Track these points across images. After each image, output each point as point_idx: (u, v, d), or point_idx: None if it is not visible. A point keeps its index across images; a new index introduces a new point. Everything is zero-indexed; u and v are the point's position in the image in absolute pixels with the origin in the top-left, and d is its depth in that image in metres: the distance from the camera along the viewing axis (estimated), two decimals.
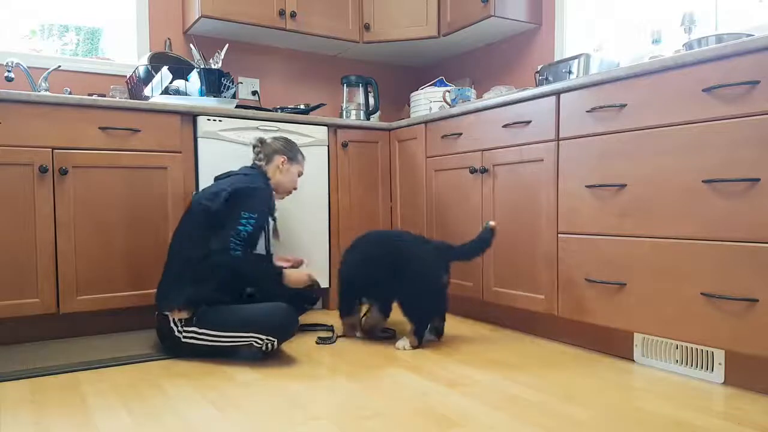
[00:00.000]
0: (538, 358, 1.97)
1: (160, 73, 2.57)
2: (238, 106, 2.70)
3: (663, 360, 1.84)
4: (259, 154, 2.28)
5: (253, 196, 2.05)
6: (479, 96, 2.90)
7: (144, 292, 2.32)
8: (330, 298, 2.85)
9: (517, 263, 2.27)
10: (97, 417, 1.47)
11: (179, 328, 1.94)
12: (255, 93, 3.28)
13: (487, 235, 2.13)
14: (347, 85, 3.21)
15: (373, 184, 2.95)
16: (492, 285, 2.39)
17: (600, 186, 1.94)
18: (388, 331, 2.30)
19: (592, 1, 2.80)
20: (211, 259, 1.95)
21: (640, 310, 1.83)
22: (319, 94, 3.50)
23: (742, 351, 1.59)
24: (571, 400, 1.56)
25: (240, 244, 1.97)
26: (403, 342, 2.11)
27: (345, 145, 2.85)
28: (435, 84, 3.14)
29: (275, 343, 1.92)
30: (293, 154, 2.32)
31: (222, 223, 1.98)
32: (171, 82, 2.57)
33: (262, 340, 1.89)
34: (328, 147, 2.81)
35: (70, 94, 2.63)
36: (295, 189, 2.37)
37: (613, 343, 1.99)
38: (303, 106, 3.04)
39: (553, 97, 2.09)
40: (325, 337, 2.23)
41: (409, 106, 3.30)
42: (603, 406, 1.52)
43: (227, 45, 2.90)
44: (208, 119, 2.46)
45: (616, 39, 2.68)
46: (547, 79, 2.51)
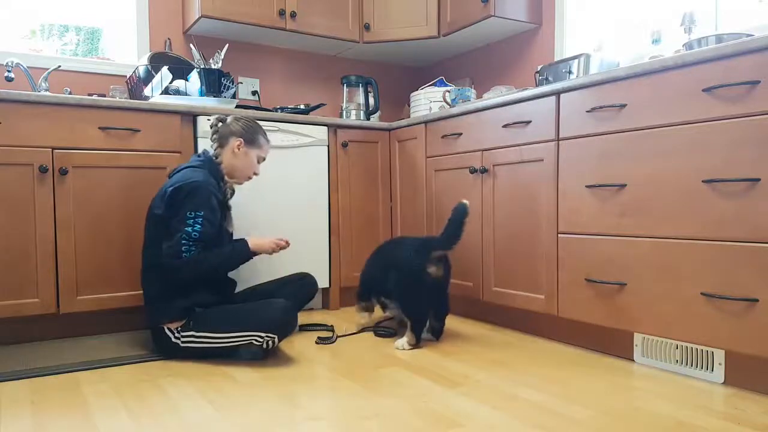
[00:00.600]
0: (538, 358, 1.97)
1: (160, 73, 2.57)
2: (238, 106, 2.70)
3: (663, 360, 1.84)
4: (213, 135, 2.16)
5: (193, 194, 1.93)
6: (479, 96, 2.90)
7: (142, 292, 2.31)
8: (330, 298, 2.85)
9: (517, 263, 2.27)
10: (97, 417, 1.47)
11: (176, 334, 1.94)
12: (255, 93, 3.28)
13: (456, 214, 2.08)
14: (347, 85, 3.21)
15: (373, 184, 2.95)
16: (492, 285, 2.39)
17: (600, 186, 1.94)
18: (388, 329, 2.31)
19: (592, 1, 2.80)
20: (170, 267, 1.90)
21: (640, 310, 1.83)
22: (319, 94, 3.50)
23: (742, 351, 1.59)
24: (571, 400, 1.56)
25: (193, 244, 1.90)
26: (402, 341, 2.11)
27: (345, 145, 2.85)
28: (435, 84, 3.14)
29: (275, 340, 1.92)
30: (252, 137, 2.15)
31: (171, 226, 1.92)
32: (171, 82, 2.57)
33: (261, 338, 1.89)
34: (328, 147, 2.81)
35: (70, 94, 2.63)
36: (255, 174, 2.21)
37: (613, 343, 1.99)
38: (303, 106, 3.04)
39: (553, 97, 2.09)
40: (325, 337, 2.23)
41: (409, 106, 3.30)
42: (603, 406, 1.52)
43: (227, 45, 2.90)
44: (208, 119, 2.46)
45: (616, 39, 2.68)
46: (547, 79, 2.51)
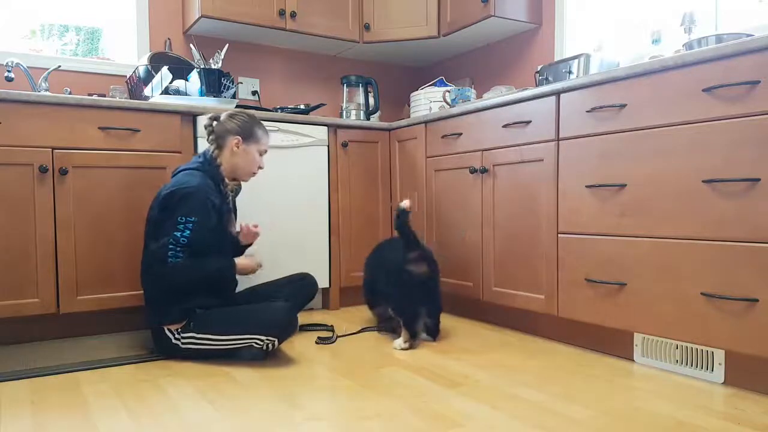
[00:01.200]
0: (538, 358, 1.97)
1: (160, 73, 2.57)
2: (238, 106, 2.70)
3: (663, 360, 1.84)
4: (210, 137, 2.10)
5: (186, 199, 1.90)
6: (479, 96, 2.90)
7: (142, 292, 2.32)
8: (330, 298, 2.85)
9: (517, 263, 2.27)
10: (97, 417, 1.47)
11: (176, 335, 1.94)
12: (255, 93, 3.28)
13: (397, 221, 2.13)
14: (347, 85, 3.21)
15: (373, 184, 2.95)
16: (492, 285, 2.39)
17: (600, 186, 1.94)
18: (391, 325, 2.32)
19: (592, 1, 2.80)
20: (155, 270, 1.90)
21: (640, 310, 1.83)
22: (319, 94, 3.50)
23: (742, 351, 1.59)
24: (571, 400, 1.56)
25: (181, 250, 1.88)
26: (398, 340, 2.12)
27: (345, 145, 2.85)
28: (435, 84, 3.14)
29: (275, 342, 1.92)
30: (249, 133, 2.10)
31: (162, 229, 1.91)
32: (171, 82, 2.57)
33: (262, 340, 1.89)
34: (328, 147, 2.81)
35: (70, 94, 2.63)
36: (260, 168, 2.17)
37: (613, 343, 1.99)
38: (303, 106, 3.04)
39: (553, 97, 2.09)
40: (325, 337, 2.23)
41: (409, 106, 3.30)
42: (603, 405, 1.52)
43: (227, 45, 2.90)
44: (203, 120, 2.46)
45: (616, 39, 2.68)
46: (547, 79, 2.51)
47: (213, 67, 2.72)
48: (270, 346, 1.91)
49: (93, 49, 3.05)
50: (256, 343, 1.90)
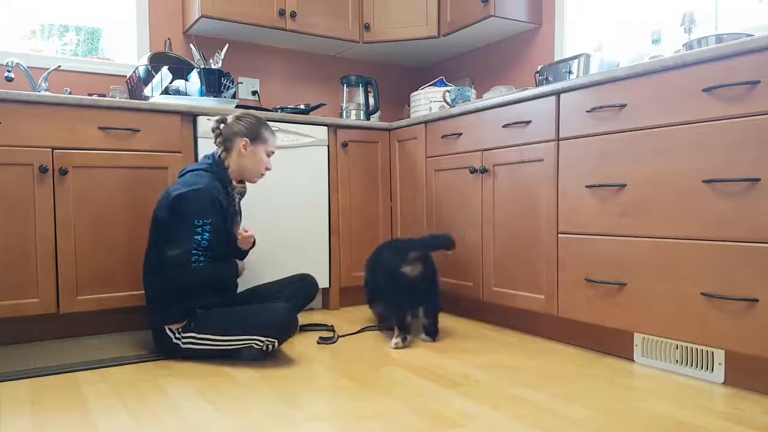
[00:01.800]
0: (538, 358, 1.97)
1: (160, 73, 2.57)
2: (238, 106, 2.70)
3: (663, 360, 1.84)
4: (217, 139, 2.11)
5: (197, 201, 1.91)
6: (479, 96, 2.90)
7: (144, 292, 2.31)
8: (330, 298, 2.85)
9: (517, 263, 2.27)
10: (97, 417, 1.47)
11: (176, 335, 1.94)
12: (255, 93, 3.28)
13: (443, 241, 2.20)
14: (347, 85, 3.21)
15: (373, 184, 2.95)
16: (492, 285, 2.39)
17: (600, 186, 1.94)
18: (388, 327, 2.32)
19: (592, 1, 2.80)
20: (174, 275, 1.90)
21: (640, 310, 1.83)
22: (319, 94, 3.50)
23: (742, 351, 1.59)
24: (571, 400, 1.56)
25: (202, 253, 1.90)
26: (394, 339, 2.13)
27: (345, 145, 2.85)
28: (435, 84, 3.14)
29: (275, 343, 1.91)
30: (257, 134, 2.12)
31: (176, 233, 1.91)
32: (171, 82, 2.57)
33: (262, 341, 1.89)
34: (328, 147, 2.81)
35: (70, 94, 2.63)
36: (268, 169, 2.20)
37: (613, 343, 1.99)
38: (303, 106, 3.04)
39: (553, 97, 2.09)
40: (327, 337, 2.23)
41: (409, 106, 3.30)
42: (603, 405, 1.52)
43: (227, 45, 2.90)
44: (208, 119, 2.46)
45: (616, 39, 2.68)
46: (547, 79, 2.51)
47: (213, 67, 2.72)
48: (270, 346, 1.91)
49: (93, 49, 3.05)
50: (256, 344, 1.90)
